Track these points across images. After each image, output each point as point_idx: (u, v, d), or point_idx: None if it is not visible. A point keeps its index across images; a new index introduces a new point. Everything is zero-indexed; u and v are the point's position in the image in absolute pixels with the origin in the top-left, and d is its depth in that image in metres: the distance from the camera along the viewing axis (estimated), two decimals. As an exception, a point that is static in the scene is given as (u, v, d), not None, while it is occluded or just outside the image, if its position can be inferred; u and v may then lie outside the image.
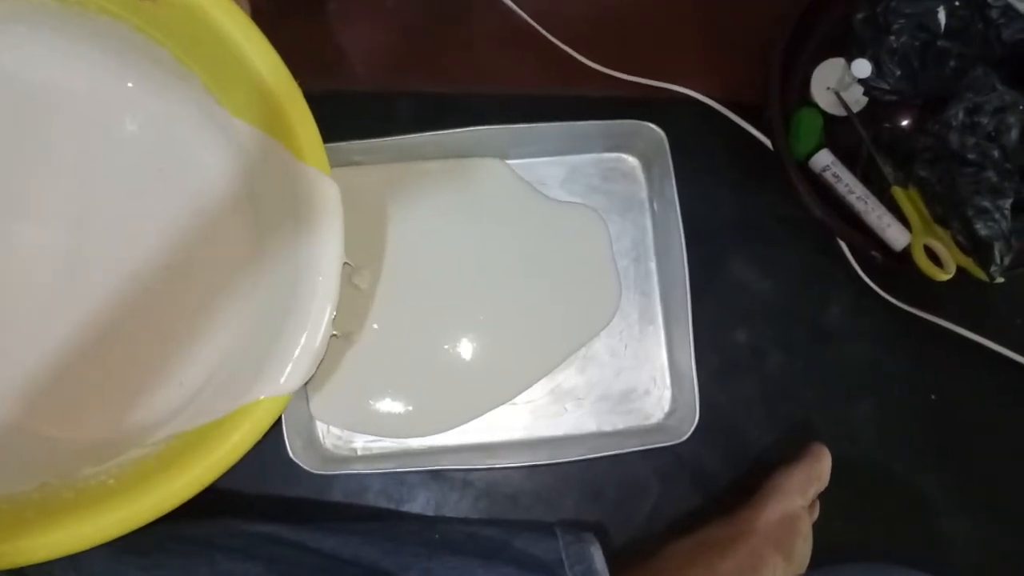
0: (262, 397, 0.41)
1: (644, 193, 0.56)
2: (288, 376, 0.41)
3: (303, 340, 0.42)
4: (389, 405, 0.53)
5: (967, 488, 0.56)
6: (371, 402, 0.53)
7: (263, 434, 0.41)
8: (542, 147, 0.55)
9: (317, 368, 0.43)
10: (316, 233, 0.43)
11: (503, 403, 0.53)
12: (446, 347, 0.54)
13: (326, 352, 0.43)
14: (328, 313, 0.42)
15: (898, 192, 0.52)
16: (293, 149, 0.42)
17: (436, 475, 0.54)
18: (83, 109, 0.48)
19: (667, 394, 0.54)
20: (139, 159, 0.49)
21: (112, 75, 0.48)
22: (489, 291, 0.54)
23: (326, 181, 0.43)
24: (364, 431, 0.53)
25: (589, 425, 0.54)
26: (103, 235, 0.48)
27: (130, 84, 0.48)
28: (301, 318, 0.42)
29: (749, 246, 0.57)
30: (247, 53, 0.41)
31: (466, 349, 0.54)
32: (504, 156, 0.55)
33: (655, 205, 0.55)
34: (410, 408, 0.53)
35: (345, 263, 0.43)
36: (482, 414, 0.53)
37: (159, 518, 0.39)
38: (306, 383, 0.42)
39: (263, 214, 0.48)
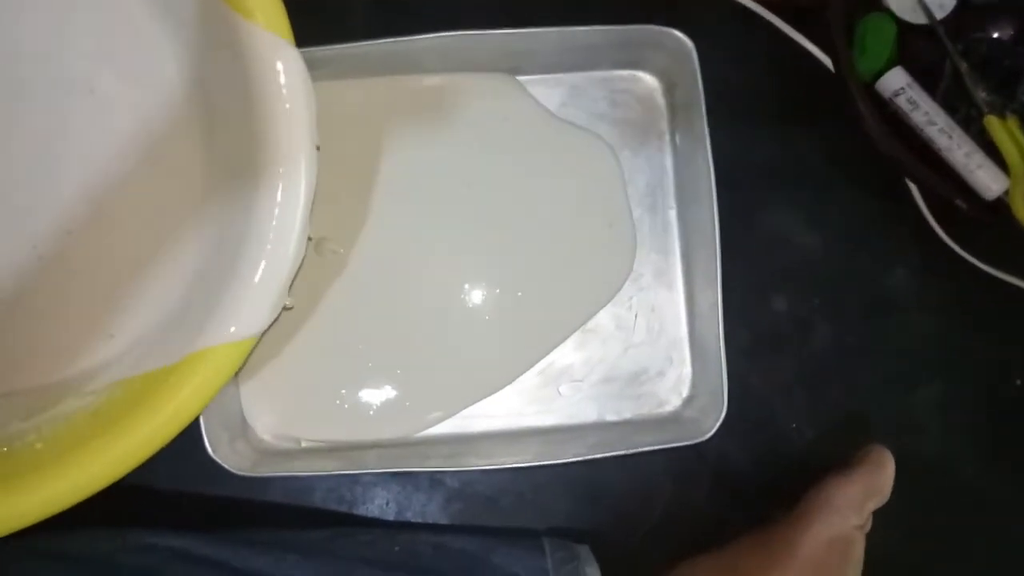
0: (229, 336, 0.34)
1: (664, 123, 0.46)
2: (248, 315, 0.34)
3: (263, 265, 0.34)
4: (345, 399, 0.44)
5: (1057, 496, 0.47)
6: (320, 397, 0.44)
7: (226, 382, 0.35)
8: (534, 61, 0.45)
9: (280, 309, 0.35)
10: (275, 122, 0.34)
11: (493, 392, 0.44)
12: (422, 320, 0.44)
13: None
14: (298, 225, 0.34)
15: (993, 123, 0.42)
16: (236, 5, 0.33)
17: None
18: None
19: (687, 375, 0.45)
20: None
21: None
22: (476, 247, 0.45)
23: (284, 48, 0.34)
24: (311, 435, 0.44)
25: (588, 413, 0.45)
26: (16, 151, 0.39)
27: None
28: (262, 237, 0.34)
29: (794, 192, 0.48)
30: None
31: (448, 322, 0.44)
32: (486, 71, 0.45)
33: (678, 139, 0.46)
34: (375, 402, 0.44)
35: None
36: (466, 407, 0.44)
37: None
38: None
39: (213, 102, 0.39)
